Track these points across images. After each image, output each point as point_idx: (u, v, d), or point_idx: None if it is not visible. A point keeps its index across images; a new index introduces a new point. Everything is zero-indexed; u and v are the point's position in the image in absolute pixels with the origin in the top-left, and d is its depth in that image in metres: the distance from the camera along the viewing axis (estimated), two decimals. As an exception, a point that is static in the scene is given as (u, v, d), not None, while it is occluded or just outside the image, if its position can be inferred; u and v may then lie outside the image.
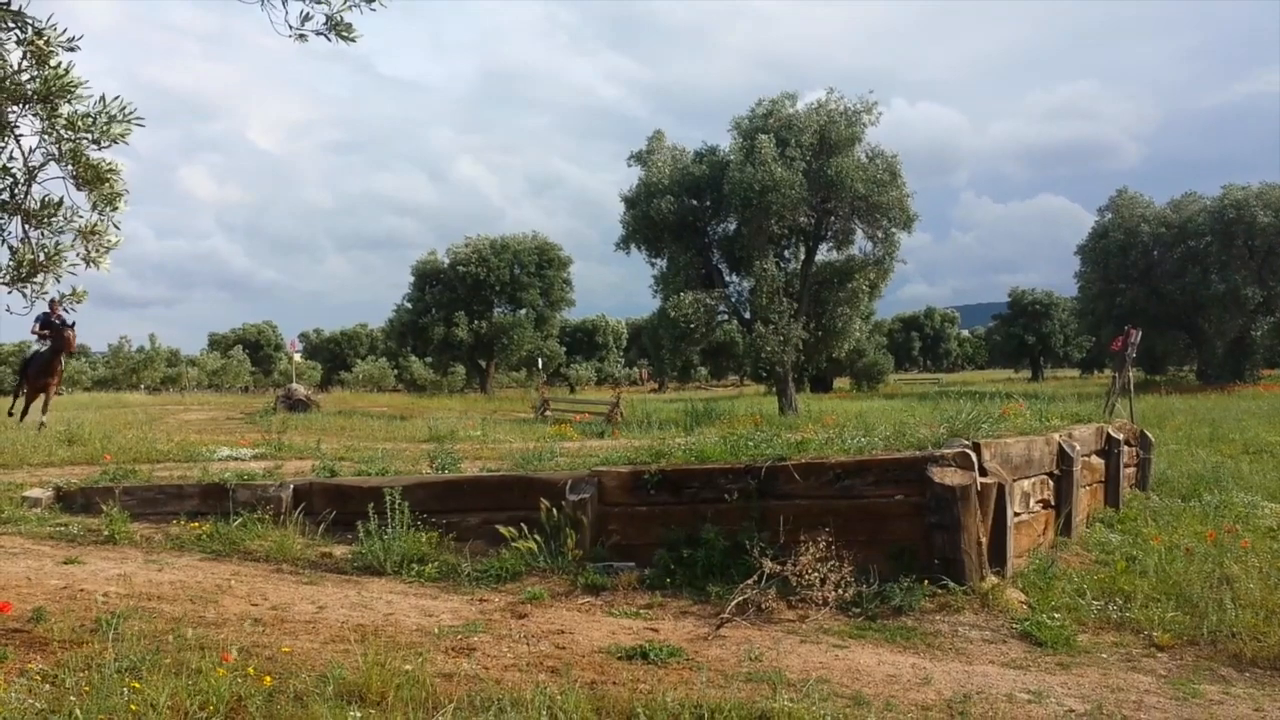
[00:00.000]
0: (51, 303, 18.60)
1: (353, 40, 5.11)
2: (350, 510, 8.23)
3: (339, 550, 7.90)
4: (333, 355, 74.11)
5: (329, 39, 5.12)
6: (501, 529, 7.39)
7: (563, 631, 5.80)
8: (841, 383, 58.96)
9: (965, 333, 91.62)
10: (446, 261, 48.69)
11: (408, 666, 4.73)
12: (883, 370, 57.84)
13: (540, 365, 45.00)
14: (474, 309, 47.93)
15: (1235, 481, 12.49)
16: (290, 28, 5.04)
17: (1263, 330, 42.40)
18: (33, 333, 18.45)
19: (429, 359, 54.48)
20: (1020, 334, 71.85)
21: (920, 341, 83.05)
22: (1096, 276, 46.87)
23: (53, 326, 18.30)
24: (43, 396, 18.55)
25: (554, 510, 7.38)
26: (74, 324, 18.33)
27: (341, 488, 8.73)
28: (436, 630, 5.76)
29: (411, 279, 49.45)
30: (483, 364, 50.92)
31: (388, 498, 7.79)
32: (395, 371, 63.96)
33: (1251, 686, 5.21)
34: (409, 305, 49.40)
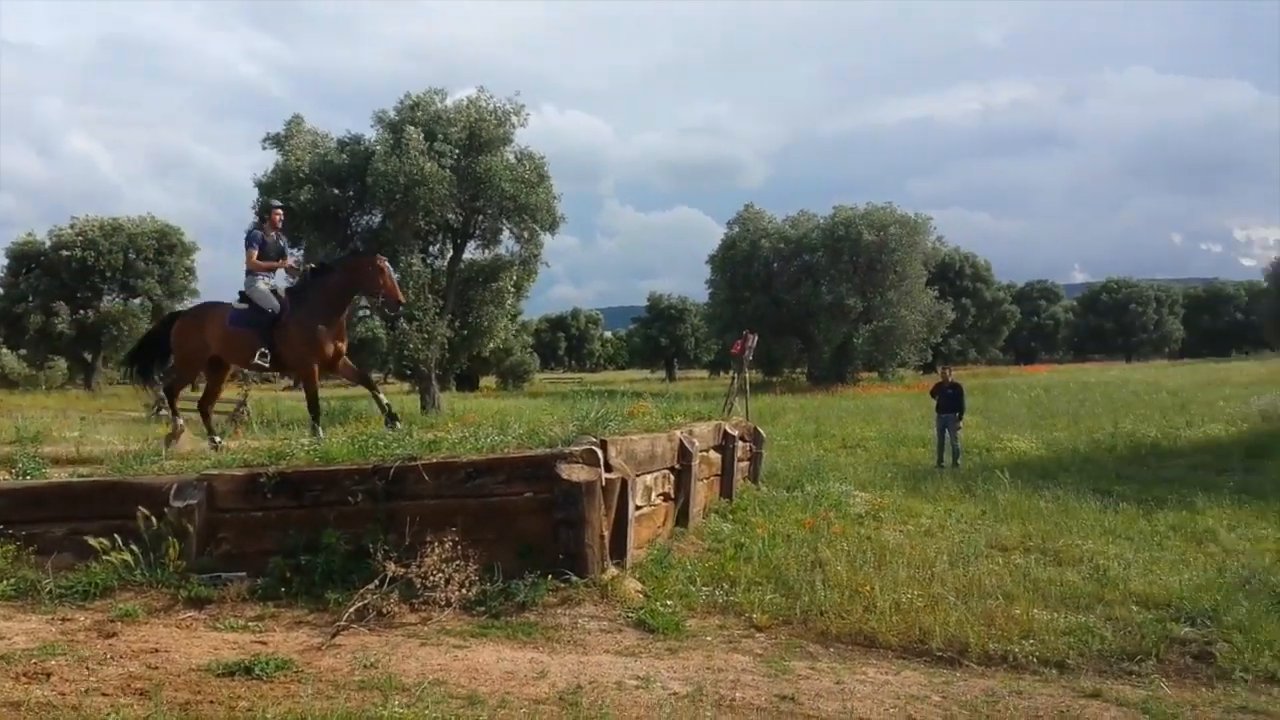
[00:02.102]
0: (271, 209, 11.13)
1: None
2: (-97, 524, 7.06)
3: (-114, 571, 6.76)
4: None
5: None
6: (92, 540, 6.62)
7: (157, 650, 5.29)
8: (488, 381, 59.31)
9: (608, 334, 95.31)
10: (48, 244, 43.77)
11: (-44, 701, 4.10)
12: (529, 369, 58.86)
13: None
14: (79, 297, 43.41)
15: (833, 473, 13.86)
16: None
17: (863, 337, 47.53)
18: (255, 268, 10.37)
19: (23, 351, 48.61)
20: (657, 336, 75.85)
21: (566, 341, 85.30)
22: (724, 284, 50.51)
23: (269, 247, 10.58)
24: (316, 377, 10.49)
25: (154, 518, 6.73)
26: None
27: (-108, 498, 7.47)
28: (6, 654, 5.06)
29: (6, 262, 44.07)
30: (88, 358, 46.16)
31: (-49, 508, 6.76)
32: (-17, 365, 56.46)
33: (835, 661, 5.72)
34: (1, 291, 43.94)
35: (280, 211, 11.11)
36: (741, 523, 9.61)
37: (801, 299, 46.81)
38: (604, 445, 7.05)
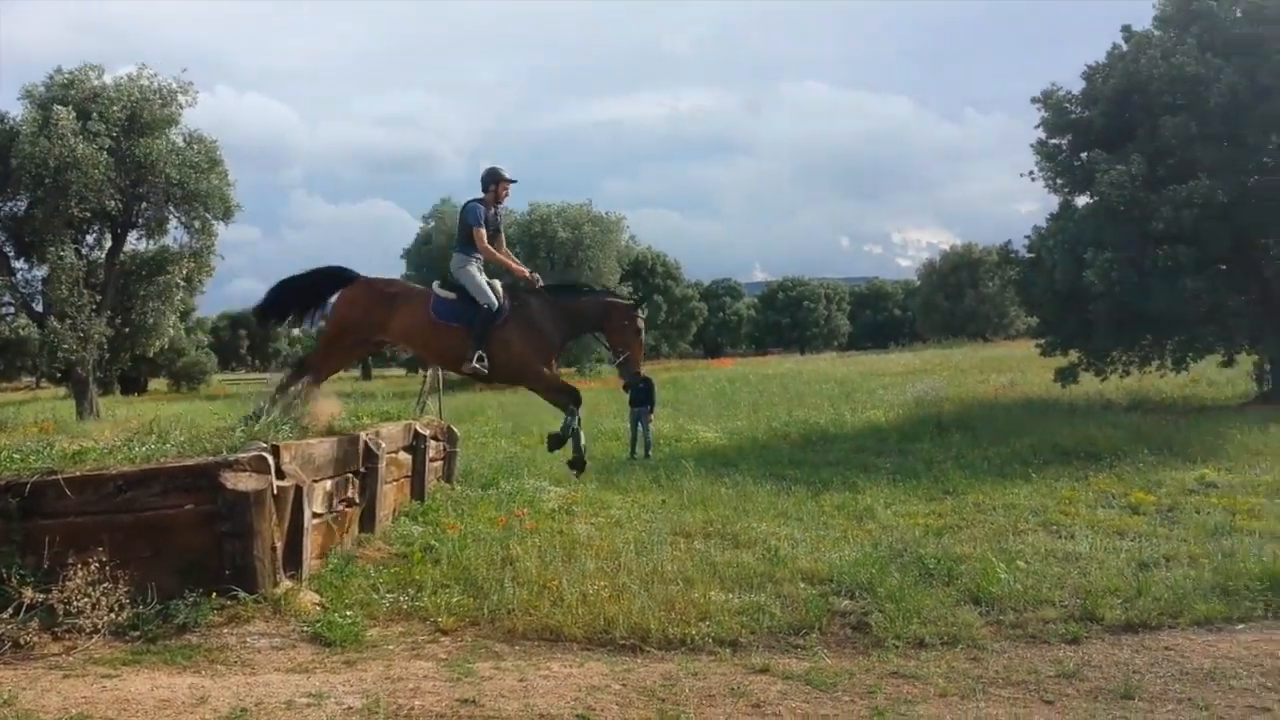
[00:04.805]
0: (498, 180, 9.01)
1: None
2: None
3: None
4: None
5: None
6: None
7: None
8: (159, 383, 55.02)
9: (296, 331, 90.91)
10: None
11: None
12: (205, 370, 55.12)
13: None
14: None
15: (529, 469, 13.86)
16: None
17: (559, 332, 48.26)
18: (487, 253, 8.80)
19: None
20: (350, 334, 73.17)
21: (250, 339, 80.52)
22: (421, 280, 49.63)
23: (489, 226, 8.90)
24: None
25: None
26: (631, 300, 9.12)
27: None
28: None
29: None
30: None
31: None
32: None
33: (520, 659, 5.67)
34: None
35: (509, 185, 9.23)
36: (432, 524, 9.38)
37: (499, 296, 46.92)
38: (276, 451, 6.64)
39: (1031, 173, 21.23)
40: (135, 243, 25.53)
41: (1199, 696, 5.05)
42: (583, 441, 9.04)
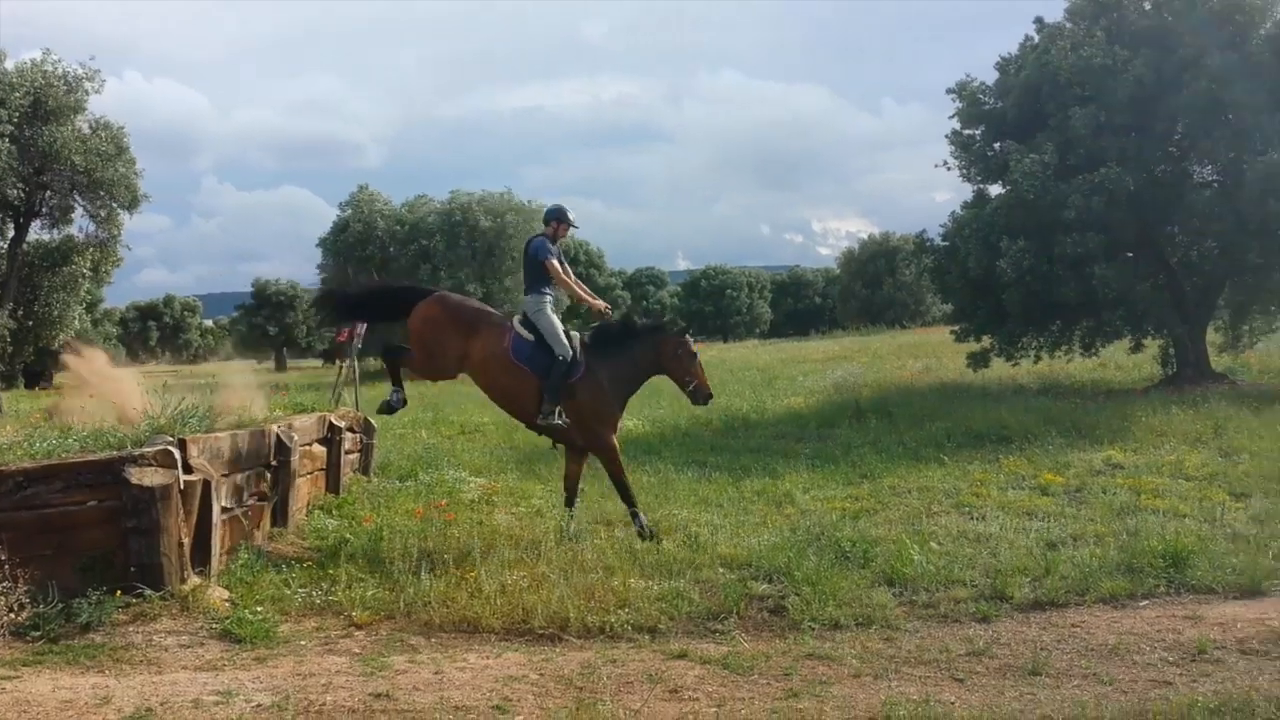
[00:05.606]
0: (563, 219, 9.09)
1: None
2: None
3: None
4: None
5: None
6: None
7: None
8: (65, 377, 53.33)
9: (209, 322, 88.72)
10: None
11: None
12: (114, 362, 53.54)
13: None
14: None
15: (449, 460, 13.69)
16: None
17: (482, 324, 47.81)
18: (565, 285, 9.03)
19: None
20: (264, 324, 71.76)
21: (159, 331, 78.42)
22: (337, 269, 48.72)
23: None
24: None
25: None
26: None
27: None
28: None
29: None
30: None
31: None
32: None
33: (436, 651, 5.61)
34: None
35: (569, 229, 9.38)
36: (348, 517, 9.24)
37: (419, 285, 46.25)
38: (183, 445, 6.48)
39: (946, 163, 21.57)
40: (39, 232, 24.62)
41: (1104, 671, 5.20)
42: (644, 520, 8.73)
